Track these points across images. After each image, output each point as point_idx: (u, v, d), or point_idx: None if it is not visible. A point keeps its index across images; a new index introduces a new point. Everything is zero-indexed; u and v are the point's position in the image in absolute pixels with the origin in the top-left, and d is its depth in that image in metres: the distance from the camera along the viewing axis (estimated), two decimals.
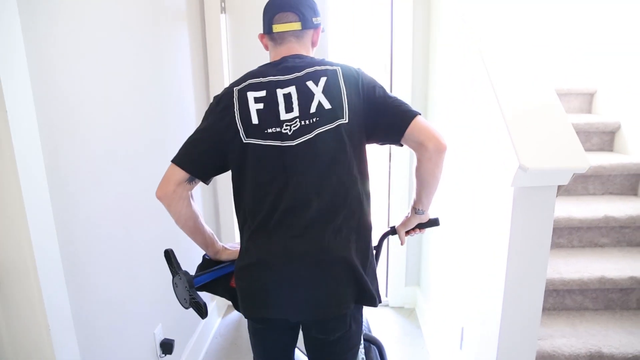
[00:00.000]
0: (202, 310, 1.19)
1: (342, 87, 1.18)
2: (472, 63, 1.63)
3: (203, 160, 1.21)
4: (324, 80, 1.18)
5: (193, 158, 1.20)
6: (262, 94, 1.18)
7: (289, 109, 1.16)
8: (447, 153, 1.18)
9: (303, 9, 1.24)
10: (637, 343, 1.66)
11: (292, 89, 1.17)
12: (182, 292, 1.23)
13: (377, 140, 1.25)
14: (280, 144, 1.15)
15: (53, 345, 1.16)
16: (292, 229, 1.15)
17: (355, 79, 1.20)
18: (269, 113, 1.17)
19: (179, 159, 1.19)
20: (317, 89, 1.17)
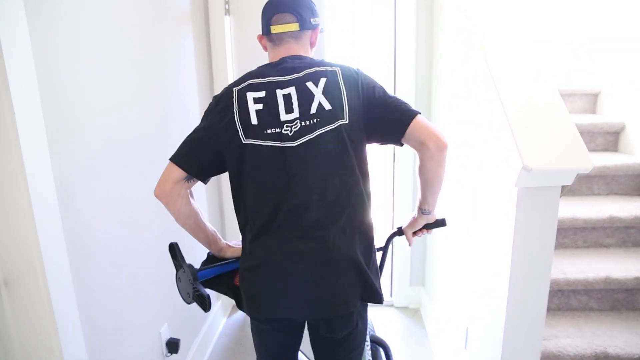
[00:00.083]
0: (205, 303, 1.16)
1: (342, 87, 1.18)
2: (474, 60, 1.63)
3: (201, 160, 1.21)
4: (324, 81, 1.18)
5: (191, 157, 1.20)
6: (261, 95, 1.18)
7: (289, 110, 1.17)
8: (449, 151, 1.19)
9: (301, 10, 1.25)
10: None
11: (292, 90, 1.18)
12: (185, 286, 1.22)
13: (377, 140, 1.25)
14: (281, 145, 1.15)
15: (61, 344, 1.17)
16: (297, 229, 1.15)
17: (355, 80, 1.21)
18: (269, 113, 1.17)
19: (177, 158, 1.20)
20: (317, 90, 1.17)
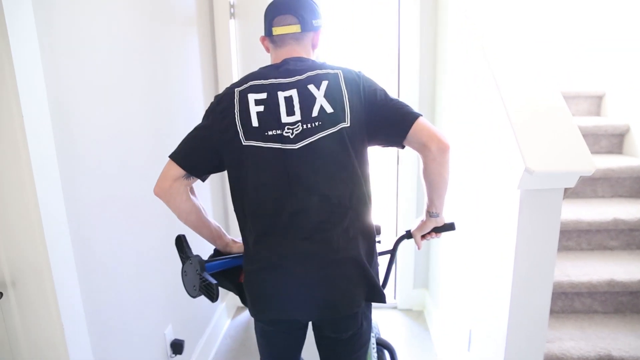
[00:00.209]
0: (213, 292, 1.14)
1: (343, 90, 1.18)
2: (476, 61, 1.63)
3: (199, 158, 1.21)
4: (326, 84, 1.18)
5: (190, 155, 1.21)
6: (263, 96, 1.18)
7: (290, 112, 1.17)
8: (451, 153, 1.19)
9: (303, 12, 1.25)
10: None
11: (293, 92, 1.18)
12: (192, 278, 1.20)
13: (379, 143, 1.25)
14: (282, 147, 1.15)
15: (67, 344, 1.19)
16: (301, 232, 1.16)
17: (357, 82, 1.21)
18: (270, 115, 1.17)
19: (176, 155, 1.20)
20: (318, 93, 1.17)
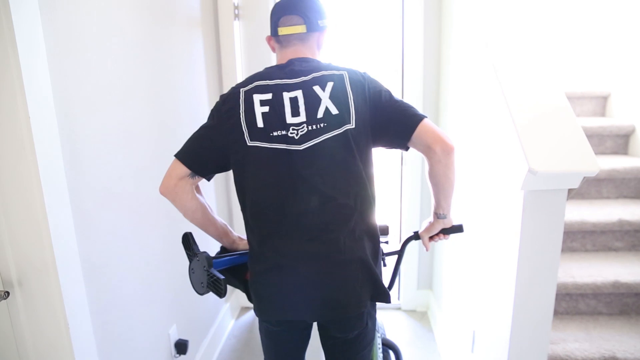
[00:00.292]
0: (221, 288, 1.14)
1: (348, 92, 1.18)
2: (480, 61, 1.63)
3: (204, 158, 1.22)
4: (331, 86, 1.18)
5: (195, 154, 1.21)
6: (268, 97, 1.18)
7: (295, 113, 1.17)
8: (456, 154, 1.19)
9: (308, 12, 1.25)
10: None
11: (298, 93, 1.18)
12: (199, 275, 1.20)
13: (384, 144, 1.25)
14: (287, 147, 1.16)
15: (72, 343, 1.20)
16: (307, 233, 1.16)
17: (362, 84, 1.21)
18: (275, 116, 1.17)
19: (181, 155, 1.21)
20: (324, 94, 1.18)
